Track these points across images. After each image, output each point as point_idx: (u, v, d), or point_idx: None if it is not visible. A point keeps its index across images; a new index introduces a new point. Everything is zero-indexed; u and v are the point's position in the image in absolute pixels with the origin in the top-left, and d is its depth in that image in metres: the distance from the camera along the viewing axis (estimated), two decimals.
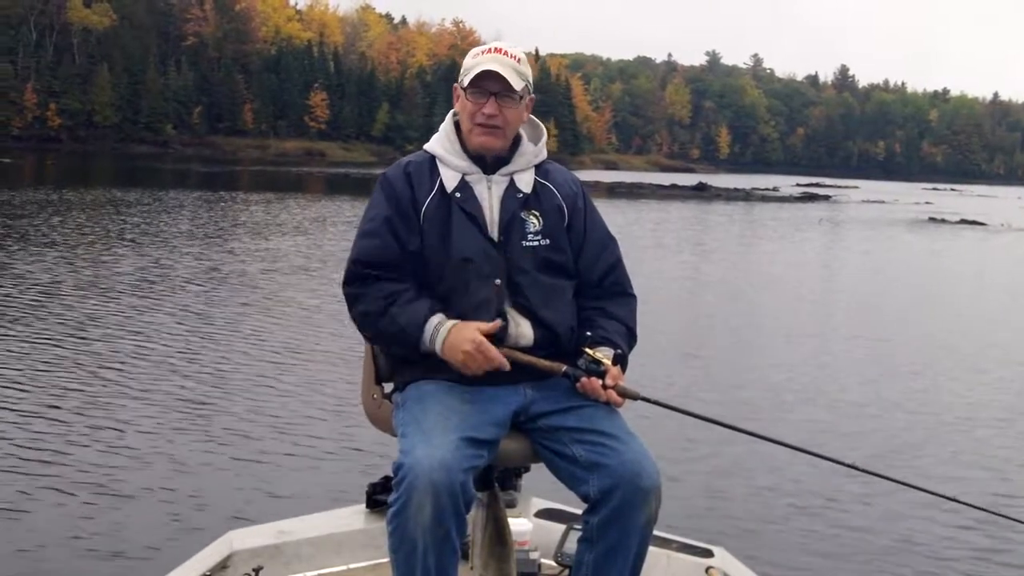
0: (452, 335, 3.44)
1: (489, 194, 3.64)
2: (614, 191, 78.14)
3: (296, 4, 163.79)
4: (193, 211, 36.14)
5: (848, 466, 3.95)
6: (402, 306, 3.50)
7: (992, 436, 11.07)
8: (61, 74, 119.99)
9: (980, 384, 13.83)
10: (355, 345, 3.04)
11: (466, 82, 3.63)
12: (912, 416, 11.76)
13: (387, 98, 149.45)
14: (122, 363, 12.28)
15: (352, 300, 3.61)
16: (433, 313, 3.49)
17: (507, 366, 3.43)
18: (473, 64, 3.65)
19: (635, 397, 3.55)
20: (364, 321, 3.60)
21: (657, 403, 3.58)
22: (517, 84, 3.62)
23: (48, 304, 15.88)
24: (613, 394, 3.50)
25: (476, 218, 3.59)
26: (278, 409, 10.64)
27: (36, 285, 17.38)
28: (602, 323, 3.69)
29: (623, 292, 3.83)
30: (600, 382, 3.49)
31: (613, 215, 45.43)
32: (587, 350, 3.54)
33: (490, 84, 3.60)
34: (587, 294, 3.76)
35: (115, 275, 19.37)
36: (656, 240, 36.09)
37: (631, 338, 3.75)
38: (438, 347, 3.46)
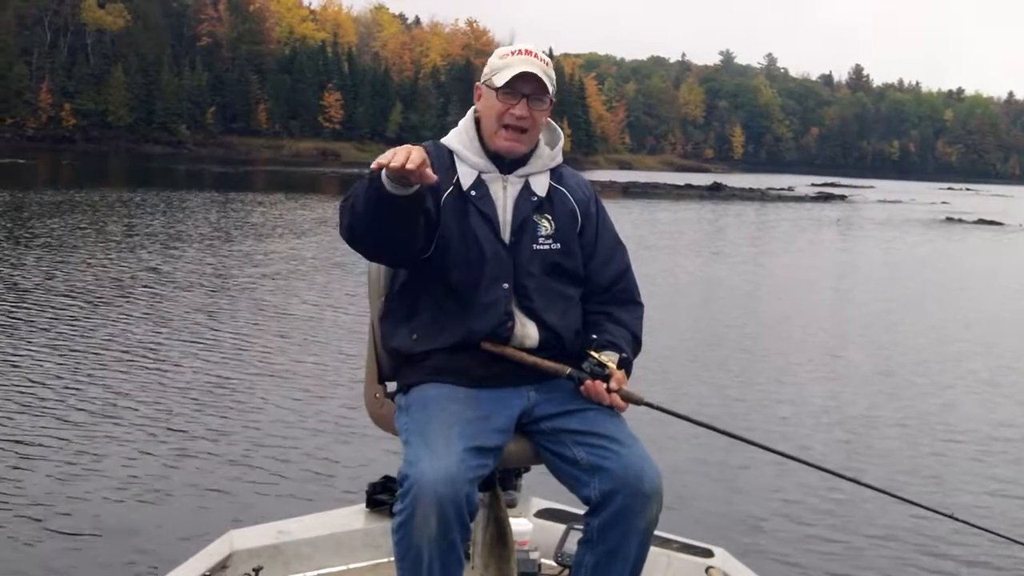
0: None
1: (504, 194, 3.62)
2: (629, 191, 78.09)
3: (310, 4, 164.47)
4: (204, 213, 36.11)
5: (850, 480, 3.92)
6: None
7: (1004, 455, 10.90)
8: (75, 74, 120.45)
9: (1000, 400, 13.37)
10: (358, 344, 3.03)
11: (499, 82, 3.58)
12: (918, 432, 11.58)
13: (401, 98, 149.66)
14: (121, 363, 12.30)
15: (341, 213, 3.41)
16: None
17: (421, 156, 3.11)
18: (504, 64, 3.61)
19: (639, 402, 3.52)
20: (347, 217, 3.36)
21: (661, 409, 3.56)
22: (550, 88, 3.60)
23: (50, 303, 15.97)
24: (617, 398, 3.48)
25: (490, 219, 3.57)
26: (279, 409, 10.64)
27: (33, 287, 17.40)
28: (608, 328, 3.67)
29: (631, 299, 3.81)
30: (604, 385, 3.48)
31: (629, 215, 45.57)
32: (592, 353, 3.52)
33: (524, 86, 3.57)
34: (595, 299, 3.74)
35: (119, 276, 19.41)
36: (673, 241, 36.02)
37: (636, 345, 3.73)
38: (384, 177, 3.16)
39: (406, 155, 3.07)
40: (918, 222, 57.40)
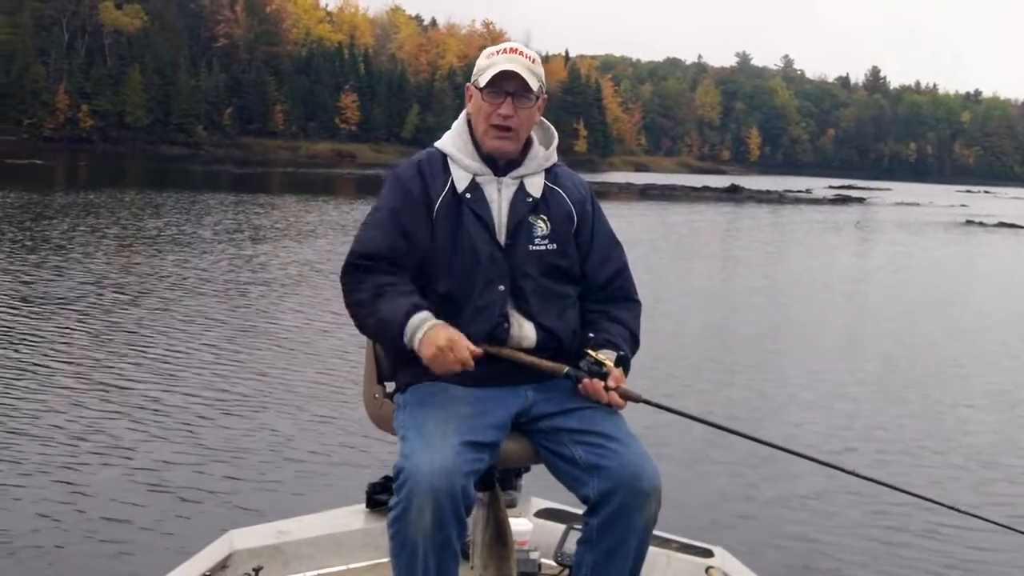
0: (432, 331, 3.37)
1: (499, 196, 3.62)
2: (646, 193, 78.08)
3: (327, 6, 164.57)
4: (215, 214, 36.04)
5: (849, 472, 3.90)
6: (390, 299, 3.45)
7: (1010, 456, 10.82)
8: (93, 75, 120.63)
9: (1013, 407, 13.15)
10: (357, 344, 3.04)
11: (482, 82, 3.61)
12: (928, 434, 11.47)
13: (417, 100, 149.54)
14: (122, 364, 12.34)
15: (347, 289, 3.58)
16: (419, 309, 3.42)
17: (470, 364, 3.36)
18: (489, 64, 3.63)
19: (637, 399, 3.53)
20: (354, 311, 3.57)
21: (659, 406, 3.57)
22: (533, 85, 3.60)
23: (51, 305, 16.04)
24: (615, 396, 3.49)
25: (485, 221, 3.57)
26: (279, 409, 10.67)
27: (30, 291, 17.34)
28: (606, 326, 3.67)
29: (628, 297, 3.81)
30: (602, 384, 3.48)
31: (646, 218, 45.45)
32: (590, 352, 3.52)
33: (507, 84, 3.58)
34: (592, 298, 3.74)
35: (124, 278, 19.50)
36: (692, 244, 36.00)
37: (634, 343, 3.73)
38: (417, 342, 3.38)
39: (459, 363, 3.37)
40: (938, 225, 57.20)
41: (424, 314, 3.42)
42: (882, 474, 4.61)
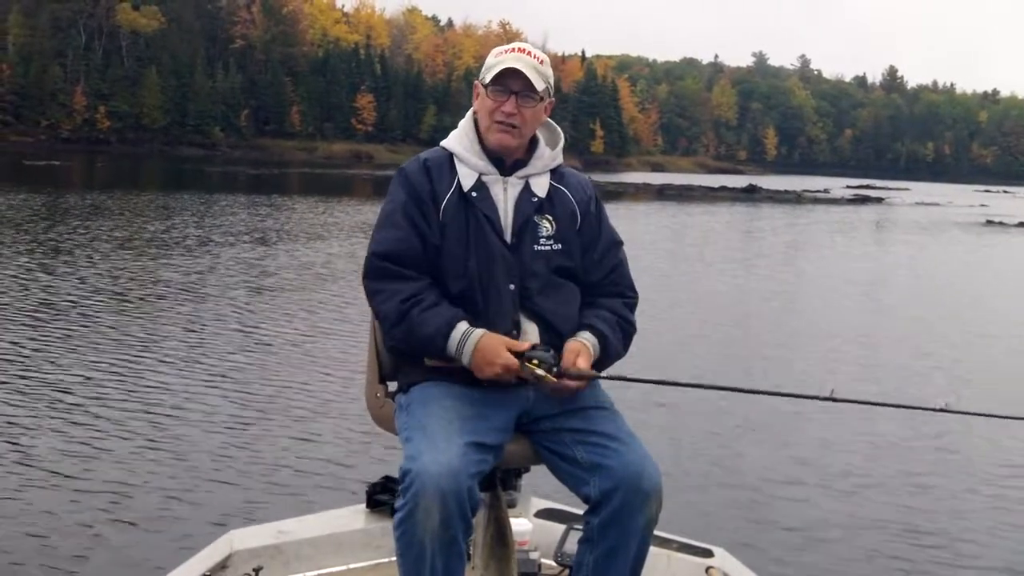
0: (481, 347, 3.40)
1: (504, 196, 3.62)
2: (663, 193, 78.09)
3: (343, 7, 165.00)
4: (231, 216, 35.96)
5: (825, 399, 3.55)
6: (424, 311, 3.45)
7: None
8: (110, 77, 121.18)
9: None
10: (358, 344, 3.03)
11: (488, 79, 3.63)
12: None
13: (433, 100, 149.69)
14: (120, 364, 12.32)
15: (371, 296, 3.56)
16: (457, 320, 3.44)
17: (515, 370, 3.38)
18: (495, 62, 3.64)
19: (590, 377, 3.49)
20: (383, 323, 3.56)
21: (612, 377, 3.56)
22: (539, 84, 3.60)
23: (58, 305, 16.06)
24: (569, 383, 3.43)
25: (492, 220, 3.57)
26: (279, 409, 10.65)
27: (25, 294, 17.22)
28: (585, 313, 3.67)
29: (622, 291, 3.80)
30: (554, 381, 3.40)
31: (663, 220, 45.36)
32: (528, 364, 3.41)
33: (512, 82, 3.59)
34: (587, 292, 3.74)
35: (127, 278, 19.51)
36: (713, 245, 35.94)
37: (623, 325, 3.70)
38: (466, 358, 3.41)
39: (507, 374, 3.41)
40: (959, 225, 56.99)
41: (463, 326, 3.44)
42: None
